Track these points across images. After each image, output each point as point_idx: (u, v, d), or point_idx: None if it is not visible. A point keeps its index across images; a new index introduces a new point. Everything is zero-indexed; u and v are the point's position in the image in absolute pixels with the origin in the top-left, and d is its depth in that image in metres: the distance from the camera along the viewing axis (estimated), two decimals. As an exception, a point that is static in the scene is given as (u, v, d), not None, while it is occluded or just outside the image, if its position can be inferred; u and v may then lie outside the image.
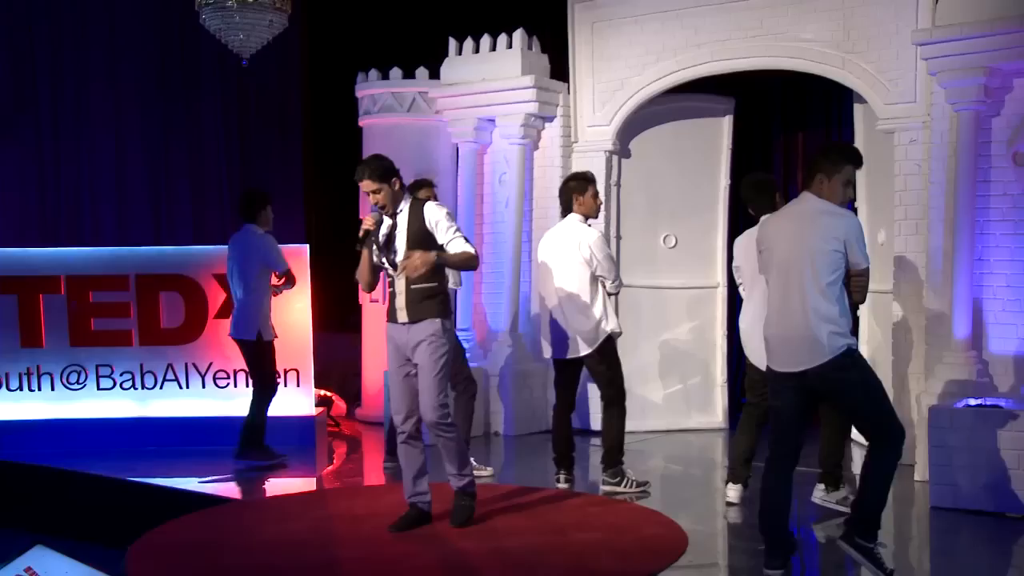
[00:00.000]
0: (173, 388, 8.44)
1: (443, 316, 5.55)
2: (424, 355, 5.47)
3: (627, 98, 8.83)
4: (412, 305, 5.50)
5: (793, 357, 4.84)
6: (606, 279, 6.63)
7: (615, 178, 9.00)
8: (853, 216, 4.88)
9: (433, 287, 5.54)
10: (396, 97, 9.48)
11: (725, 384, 9.17)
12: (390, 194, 5.51)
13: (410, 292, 5.51)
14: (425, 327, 5.49)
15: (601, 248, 6.60)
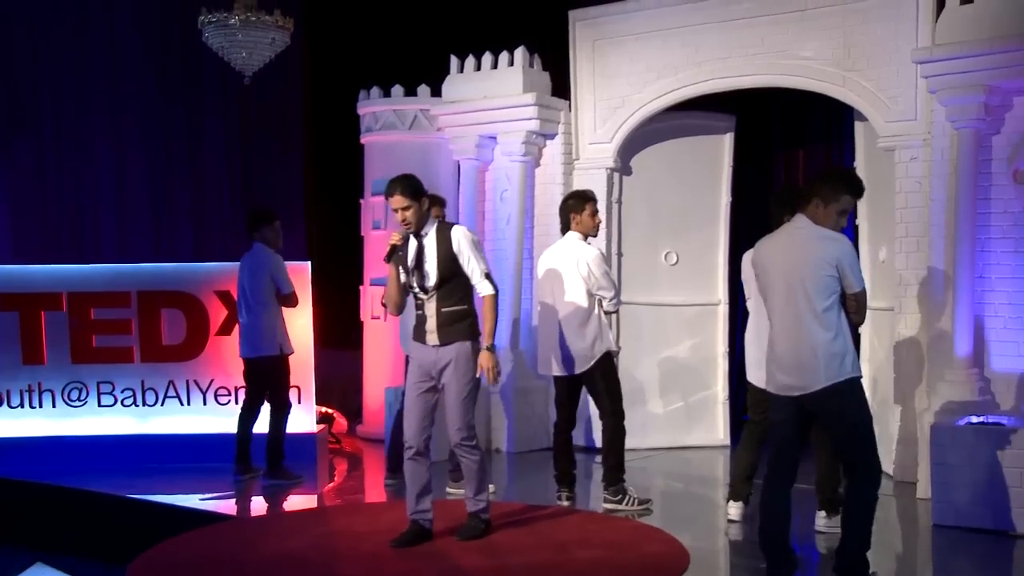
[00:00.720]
0: (174, 405, 8.43)
1: (472, 338, 5.60)
2: (452, 376, 5.52)
3: (628, 115, 8.83)
4: (443, 328, 5.56)
5: (790, 381, 4.85)
6: (604, 297, 6.62)
7: (616, 195, 8.99)
8: (846, 240, 4.88)
9: (464, 309, 5.59)
10: (398, 114, 9.48)
11: (726, 401, 9.14)
12: (418, 213, 5.54)
13: (441, 315, 5.56)
14: (455, 349, 5.55)
15: (599, 266, 6.61)
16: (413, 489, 5.68)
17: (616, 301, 6.66)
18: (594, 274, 6.58)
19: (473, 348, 5.59)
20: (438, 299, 5.56)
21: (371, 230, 9.63)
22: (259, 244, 7.65)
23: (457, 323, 5.57)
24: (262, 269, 7.57)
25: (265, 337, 7.55)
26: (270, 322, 7.56)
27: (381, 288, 9.12)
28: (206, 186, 10.84)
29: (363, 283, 9.75)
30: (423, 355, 5.61)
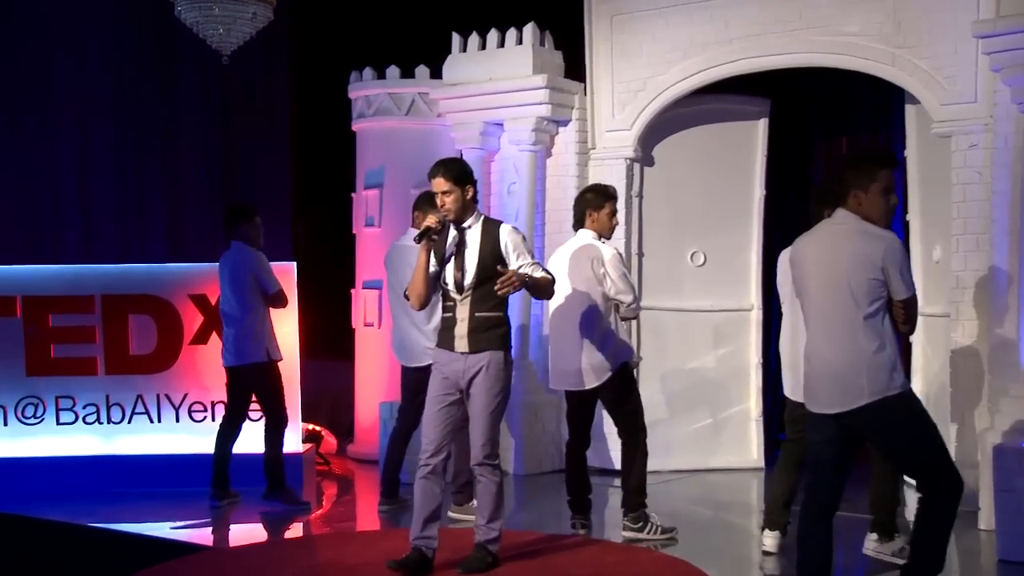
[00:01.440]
0: (143, 422, 8.41)
1: (505, 349, 5.70)
2: (481, 388, 5.61)
3: (650, 100, 8.81)
4: (475, 334, 5.64)
5: (830, 398, 4.80)
6: (621, 302, 6.63)
7: (636, 188, 9.00)
8: (894, 238, 4.83)
9: (499, 316, 5.69)
10: (393, 98, 9.50)
11: (760, 418, 9.14)
12: (460, 201, 5.67)
13: (474, 320, 5.64)
14: (487, 358, 5.63)
15: (616, 267, 6.63)
16: (422, 512, 5.67)
17: (635, 306, 6.70)
18: (611, 276, 6.60)
19: (505, 359, 5.67)
20: (472, 302, 5.65)
21: (364, 227, 9.64)
22: (239, 243, 7.69)
23: (491, 330, 5.66)
24: (243, 269, 7.61)
25: (251, 342, 7.59)
26: (255, 326, 7.59)
27: (375, 292, 9.33)
28: (181, 179, 10.85)
29: (355, 286, 9.74)
30: (449, 363, 5.67)
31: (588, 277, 6.62)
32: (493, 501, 5.71)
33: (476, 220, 5.72)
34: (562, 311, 6.71)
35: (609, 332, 6.61)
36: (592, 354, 6.58)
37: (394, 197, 9.30)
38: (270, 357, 7.63)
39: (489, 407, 5.59)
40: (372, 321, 9.47)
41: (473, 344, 5.62)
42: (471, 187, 5.70)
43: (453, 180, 5.65)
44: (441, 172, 5.67)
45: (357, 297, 9.66)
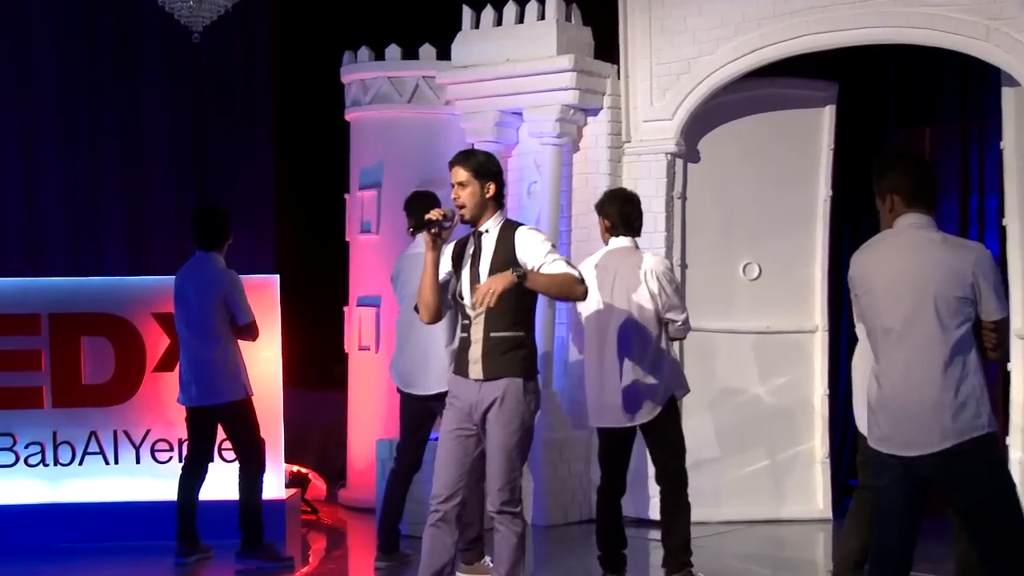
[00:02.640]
0: (97, 464, 8.38)
1: (527, 376, 5.67)
2: (496, 422, 5.61)
3: (695, 84, 8.78)
4: (490, 357, 5.64)
5: (904, 437, 4.74)
6: (672, 320, 6.73)
7: (679, 189, 8.99)
8: (983, 248, 4.82)
9: (519, 337, 5.67)
10: (394, 83, 9.51)
11: (827, 460, 9.09)
12: (478, 197, 5.71)
13: (489, 341, 5.66)
14: (503, 386, 5.62)
15: (671, 281, 6.75)
16: (429, 567, 5.69)
17: (687, 326, 6.80)
18: (665, 291, 6.69)
19: (527, 388, 5.65)
20: (487, 320, 5.65)
21: (359, 234, 9.67)
22: (209, 255, 7.70)
23: (509, 352, 5.63)
24: (213, 290, 7.60)
25: (226, 377, 7.60)
26: (229, 357, 7.61)
27: (371, 310, 9.42)
28: (143, 179, 10.76)
29: (348, 303, 9.75)
30: (464, 393, 5.70)
31: (637, 291, 6.67)
32: (512, 555, 5.66)
33: (496, 224, 5.74)
34: (606, 333, 6.71)
35: (665, 357, 6.68)
36: (646, 383, 6.63)
37: (394, 199, 9.15)
38: (247, 393, 7.65)
39: (507, 444, 5.57)
40: (368, 344, 9.46)
41: (488, 369, 5.62)
42: (493, 184, 5.72)
43: (473, 171, 5.69)
44: (461, 160, 5.74)
45: (351, 316, 9.65)
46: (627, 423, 6.66)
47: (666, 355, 6.70)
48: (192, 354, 7.65)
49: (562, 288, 5.56)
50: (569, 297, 5.67)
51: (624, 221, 6.82)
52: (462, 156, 5.80)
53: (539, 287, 5.52)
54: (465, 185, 5.67)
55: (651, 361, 6.64)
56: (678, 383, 6.74)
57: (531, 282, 5.45)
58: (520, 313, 5.64)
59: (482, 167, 5.72)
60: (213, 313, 7.58)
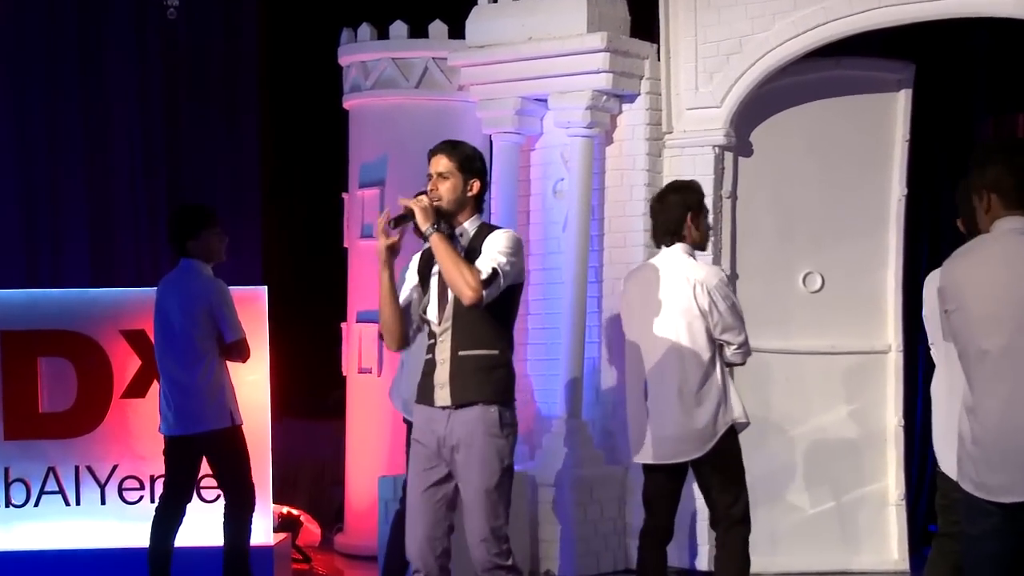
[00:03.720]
0: (55, 505, 8.35)
1: (503, 402, 5.61)
2: (472, 460, 5.55)
3: (748, 66, 8.76)
4: (458, 380, 5.60)
5: (1004, 480, 4.64)
6: (728, 342, 6.72)
7: (729, 187, 8.98)
8: None
9: (493, 356, 5.62)
10: (399, 65, 9.51)
11: (903, 502, 9.04)
12: (458, 192, 5.71)
13: (457, 360, 5.61)
14: (475, 416, 5.56)
15: (726, 296, 6.72)
16: None
17: (746, 349, 6.80)
18: (719, 308, 6.67)
19: (503, 417, 5.59)
20: (455, 335, 5.61)
21: (359, 239, 9.66)
22: (191, 262, 7.64)
23: (480, 374, 5.58)
24: (198, 301, 7.56)
25: (208, 402, 7.56)
26: (213, 379, 7.57)
27: (372, 327, 9.27)
28: (109, 176, 10.74)
29: (347, 319, 9.78)
30: (429, 424, 5.66)
31: (688, 309, 6.64)
32: None
33: (472, 227, 5.72)
34: (648, 355, 6.72)
35: (718, 384, 6.66)
36: (697, 414, 6.62)
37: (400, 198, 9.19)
38: (234, 421, 7.62)
39: (487, 487, 5.54)
40: (369, 366, 9.45)
41: (456, 394, 5.57)
42: (477, 182, 5.73)
43: (458, 164, 5.71)
44: (446, 149, 5.76)
45: (349, 334, 9.66)
46: (677, 459, 6.65)
47: (720, 381, 6.68)
48: (171, 375, 7.62)
49: (452, 274, 5.48)
50: (455, 290, 5.51)
51: (669, 227, 6.77)
52: (449, 145, 5.81)
53: (438, 255, 5.52)
54: (446, 177, 5.69)
55: (702, 388, 6.62)
56: (736, 411, 6.70)
57: (434, 243, 5.52)
58: (495, 327, 5.60)
59: (469, 161, 5.73)
60: (196, 329, 7.54)
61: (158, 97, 10.96)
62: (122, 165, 10.76)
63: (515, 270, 5.62)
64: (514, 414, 5.68)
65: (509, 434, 5.62)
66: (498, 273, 5.51)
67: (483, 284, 5.46)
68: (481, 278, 5.46)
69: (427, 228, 5.54)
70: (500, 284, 5.52)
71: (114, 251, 10.62)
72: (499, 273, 5.52)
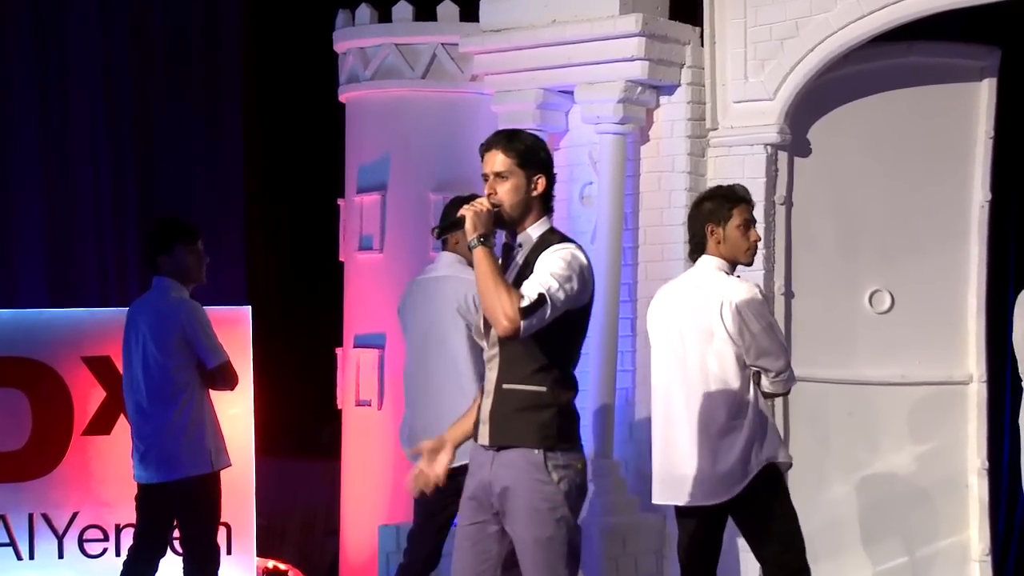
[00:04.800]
0: (7, 558, 8.40)
1: (548, 445, 5.46)
2: (519, 514, 5.49)
3: (805, 52, 8.69)
4: (498, 418, 5.53)
5: None
6: (765, 369, 6.70)
7: (783, 192, 8.92)
8: None
9: (539, 393, 5.49)
10: (403, 52, 9.47)
11: (988, 557, 8.98)
12: (521, 194, 5.54)
13: (500, 395, 5.54)
14: (518, 461, 5.48)
15: (760, 314, 6.67)
16: None
17: (786, 376, 6.75)
18: (750, 330, 6.63)
19: (549, 462, 5.43)
20: (501, 364, 5.52)
21: (358, 251, 9.64)
22: (163, 280, 7.67)
23: (523, 413, 5.47)
24: (168, 327, 7.58)
25: (184, 443, 7.58)
26: (191, 417, 7.59)
27: (374, 353, 9.43)
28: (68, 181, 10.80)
29: (343, 344, 9.75)
30: (477, 467, 5.62)
31: (714, 331, 6.63)
32: None
33: (536, 231, 5.56)
34: (676, 385, 6.73)
35: (750, 417, 6.63)
36: (725, 451, 6.63)
37: (405, 205, 9.29)
38: (212, 466, 7.62)
39: (534, 536, 5.44)
40: (368, 398, 9.40)
41: (496, 434, 5.51)
42: (543, 178, 5.54)
43: (517, 159, 5.49)
44: (501, 143, 5.54)
45: (346, 360, 9.64)
46: (701, 501, 6.66)
47: (754, 415, 6.65)
48: (142, 412, 7.63)
49: (488, 298, 5.32)
50: (489, 317, 5.37)
51: (695, 239, 6.80)
52: (503, 137, 5.60)
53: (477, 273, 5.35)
54: (505, 177, 5.49)
55: (732, 422, 6.63)
56: (773, 449, 6.68)
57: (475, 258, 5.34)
58: (545, 357, 5.44)
59: (530, 153, 5.53)
60: (171, 358, 7.56)
61: (126, 89, 10.97)
62: (84, 166, 10.81)
63: (571, 295, 5.40)
64: (571, 457, 5.49)
65: (562, 479, 5.45)
66: (545, 300, 5.32)
67: (522, 313, 5.27)
68: (521, 305, 5.28)
69: (471, 239, 5.36)
70: (546, 314, 5.32)
71: (74, 268, 10.67)
72: (547, 300, 5.32)
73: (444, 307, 7.18)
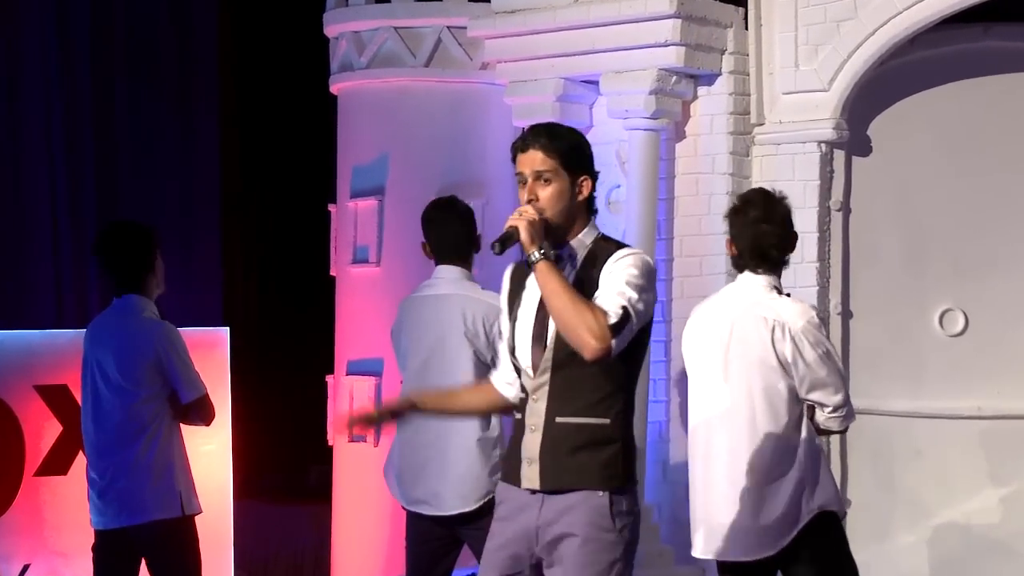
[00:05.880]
0: None
1: (616, 486, 5.42)
2: (575, 568, 5.41)
3: (865, 36, 8.71)
4: (553, 457, 5.48)
5: None
6: (821, 403, 6.71)
7: (839, 197, 8.99)
8: None
9: (603, 426, 5.45)
10: (404, 37, 9.52)
11: None
12: (566, 199, 5.49)
13: (552, 429, 5.47)
14: (577, 503, 5.42)
15: (817, 342, 6.69)
16: None
17: (845, 411, 6.74)
18: (805, 359, 6.65)
19: (615, 507, 5.38)
20: (551, 394, 5.46)
21: (351, 264, 9.71)
22: (131, 298, 7.66)
23: (585, 450, 5.43)
24: (140, 352, 7.56)
25: (151, 484, 7.58)
26: (158, 454, 7.58)
27: (369, 381, 9.45)
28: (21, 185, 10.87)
29: (333, 371, 9.81)
30: (516, 512, 5.57)
31: (763, 359, 6.64)
32: None
33: (587, 238, 5.53)
34: (715, 420, 6.77)
35: (802, 458, 6.66)
36: (772, 496, 6.66)
37: (405, 212, 9.23)
38: (184, 511, 7.58)
39: None
40: (364, 435, 9.12)
41: (549, 476, 5.43)
42: (588, 179, 5.49)
43: (560, 158, 5.43)
44: (541, 141, 5.45)
45: (337, 390, 9.66)
46: (743, 556, 6.68)
47: (805, 455, 6.69)
48: (103, 448, 7.60)
49: (569, 319, 5.26)
50: (572, 340, 5.29)
51: (755, 247, 6.73)
52: (543, 134, 5.51)
53: (546, 291, 5.33)
54: (548, 180, 5.42)
55: (780, 464, 6.66)
56: (827, 495, 6.69)
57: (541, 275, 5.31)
58: (609, 384, 5.39)
59: (575, 152, 5.49)
60: (140, 387, 7.52)
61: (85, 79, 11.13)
62: (36, 170, 10.80)
63: (649, 308, 5.43)
64: (634, 502, 5.49)
65: (624, 527, 5.42)
66: (629, 315, 5.30)
67: (613, 331, 5.24)
68: (609, 323, 5.23)
69: (533, 253, 5.32)
70: (633, 328, 5.32)
71: (26, 285, 10.73)
72: (631, 314, 5.31)
73: (448, 331, 7.17)
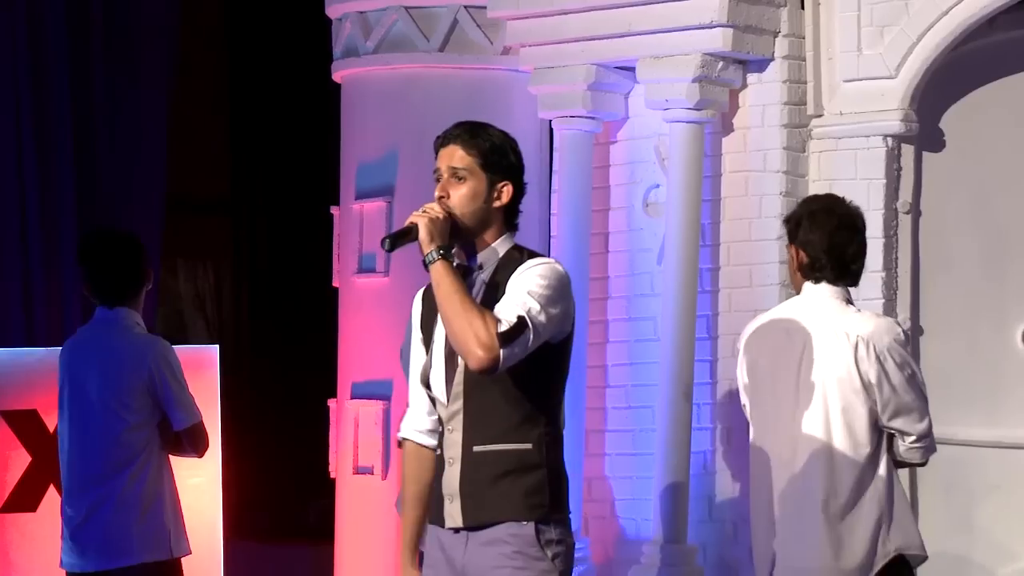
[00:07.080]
0: None
1: (541, 515, 5.51)
2: None
3: (936, 17, 8.68)
4: (473, 487, 5.57)
5: None
6: (904, 432, 6.74)
7: (908, 197, 8.99)
8: None
9: (524, 452, 5.57)
10: (416, 18, 9.61)
11: None
12: (480, 201, 5.61)
13: (471, 458, 5.57)
14: (503, 538, 5.51)
15: (904, 363, 6.75)
16: None
17: (930, 443, 6.83)
18: (890, 381, 6.69)
19: (541, 537, 5.50)
20: (467, 421, 5.58)
21: (356, 275, 9.79)
22: (118, 311, 7.80)
23: (508, 479, 5.54)
24: (135, 371, 7.71)
25: (136, 522, 7.70)
26: (147, 488, 7.70)
27: (377, 405, 9.55)
28: None
29: (335, 394, 9.88)
30: (440, 553, 5.69)
31: (844, 379, 6.67)
32: None
33: (501, 247, 5.67)
34: (780, 447, 6.83)
35: (881, 492, 6.69)
36: (844, 538, 6.69)
37: None
38: (172, 552, 7.67)
39: None
40: (370, 463, 9.50)
41: (470, 511, 5.56)
42: (509, 186, 5.63)
43: (480, 157, 5.56)
44: (462, 137, 5.61)
45: (341, 416, 9.73)
46: None
47: (885, 490, 6.71)
48: (83, 480, 7.69)
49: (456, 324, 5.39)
50: (458, 347, 5.44)
51: (835, 255, 6.76)
52: (466, 130, 5.65)
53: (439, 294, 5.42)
54: (463, 178, 5.56)
55: (858, 500, 6.70)
56: (907, 535, 6.71)
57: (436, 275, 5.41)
58: (528, 405, 5.53)
59: (497, 155, 5.60)
60: (128, 412, 7.64)
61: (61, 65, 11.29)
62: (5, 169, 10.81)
63: (554, 321, 5.49)
64: (565, 530, 5.58)
65: (557, 556, 5.52)
66: (526, 324, 5.39)
67: (501, 339, 5.34)
68: (499, 330, 5.34)
69: (431, 252, 5.42)
70: (528, 340, 5.41)
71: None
72: (527, 324, 5.39)
73: None
